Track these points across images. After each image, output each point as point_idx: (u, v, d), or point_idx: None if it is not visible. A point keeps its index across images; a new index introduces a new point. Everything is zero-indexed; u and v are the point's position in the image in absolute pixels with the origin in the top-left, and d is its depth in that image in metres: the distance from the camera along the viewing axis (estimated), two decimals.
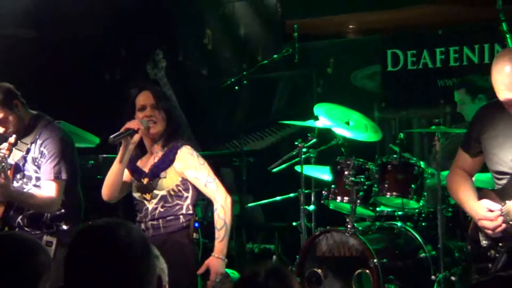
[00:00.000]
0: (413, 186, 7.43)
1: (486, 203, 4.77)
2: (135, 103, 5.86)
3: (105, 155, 7.78)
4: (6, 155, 6.04)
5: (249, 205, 9.00)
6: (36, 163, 6.28)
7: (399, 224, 7.75)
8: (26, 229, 6.26)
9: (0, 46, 9.18)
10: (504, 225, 4.67)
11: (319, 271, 7.42)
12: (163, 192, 5.87)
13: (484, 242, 4.91)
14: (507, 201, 4.68)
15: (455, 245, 7.63)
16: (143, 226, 5.89)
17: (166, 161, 5.88)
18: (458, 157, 5.29)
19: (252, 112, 8.77)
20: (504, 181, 4.82)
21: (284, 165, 8.22)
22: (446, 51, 9.11)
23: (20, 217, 6.29)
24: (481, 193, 4.92)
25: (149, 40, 9.94)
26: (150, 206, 5.90)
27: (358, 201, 7.53)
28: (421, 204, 7.48)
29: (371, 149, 8.76)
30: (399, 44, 9.67)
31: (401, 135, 8.09)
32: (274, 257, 8.79)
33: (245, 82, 7.26)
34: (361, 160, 7.71)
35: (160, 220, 5.86)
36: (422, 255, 7.53)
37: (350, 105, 8.01)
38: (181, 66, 10.10)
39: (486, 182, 5.88)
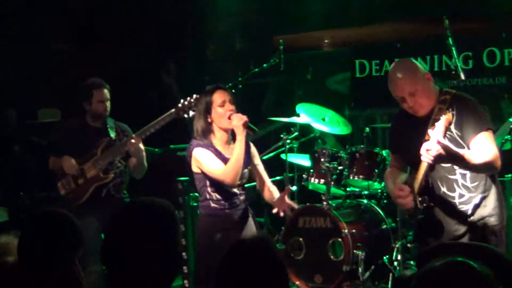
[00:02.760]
0: (376, 170, 7.42)
1: (399, 184, 4.81)
2: (210, 101, 5.50)
3: None
4: None
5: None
6: None
7: (365, 201, 7.75)
8: None
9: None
10: (411, 203, 4.70)
11: (301, 239, 7.41)
12: (245, 182, 5.69)
13: (406, 215, 4.98)
14: (413, 184, 4.73)
15: None
16: (230, 211, 5.58)
17: (248, 153, 5.65)
18: (390, 157, 5.36)
19: (245, 110, 8.73)
20: (412, 168, 4.86)
21: (272, 154, 8.21)
22: None
23: None
24: (406, 181, 4.94)
25: (163, 53, 9.90)
26: (239, 192, 5.64)
27: (332, 182, 7.53)
28: (383, 185, 7.48)
29: (343, 140, 8.74)
30: (365, 55, 9.64)
31: (367, 129, 8.08)
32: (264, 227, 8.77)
33: (240, 86, 7.25)
34: (334, 149, 7.71)
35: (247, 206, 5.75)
36: (384, 226, 7.54)
37: (325, 105, 8.01)
38: (188, 74, 10.08)
39: None
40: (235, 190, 5.57)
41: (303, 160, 8.08)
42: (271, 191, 5.86)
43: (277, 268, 2.68)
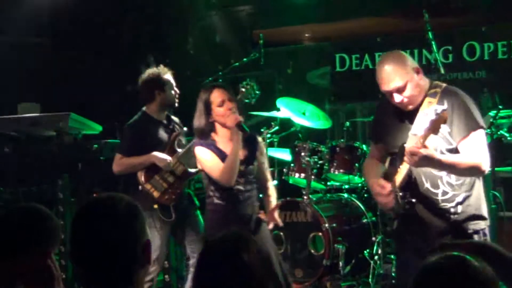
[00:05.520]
0: (357, 164, 7.42)
1: (380, 181, 4.71)
2: (209, 101, 5.44)
3: (106, 140, 7.66)
4: None
5: None
6: None
7: (346, 195, 7.75)
8: None
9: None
10: (392, 201, 4.65)
11: (281, 234, 7.40)
12: (252, 177, 5.61)
13: (385, 211, 4.93)
14: (394, 177, 4.65)
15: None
16: (234, 208, 5.50)
17: (254, 151, 5.61)
18: (370, 147, 5.28)
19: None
20: (394, 161, 4.80)
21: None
22: None
23: None
24: (386, 172, 4.88)
25: (143, 47, 9.85)
26: (244, 188, 5.54)
27: (312, 177, 7.53)
28: (363, 179, 7.47)
29: (323, 135, 8.73)
30: (346, 49, 9.64)
31: (347, 123, 8.08)
32: None
33: (220, 80, 7.20)
34: (315, 143, 7.69)
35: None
36: (365, 220, 7.54)
37: (305, 99, 7.99)
38: (168, 68, 10.03)
39: None
40: (239, 187, 5.50)
41: (284, 154, 8.07)
42: (269, 196, 5.82)
43: (247, 270, 2.63)
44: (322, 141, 8.03)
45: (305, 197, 7.44)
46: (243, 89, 5.87)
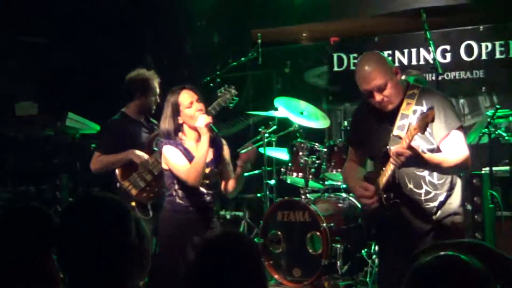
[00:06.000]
0: None
1: (363, 183, 4.72)
2: (178, 103, 5.42)
3: None
4: None
5: None
6: None
7: (343, 195, 7.75)
8: None
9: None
10: (376, 203, 4.66)
11: (279, 233, 7.41)
12: (215, 181, 5.58)
13: (368, 212, 4.92)
14: (377, 179, 4.66)
15: None
16: (194, 209, 5.48)
17: (220, 153, 5.62)
18: (349, 150, 5.27)
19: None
20: (376, 163, 4.82)
21: (250, 147, 8.17)
22: None
23: None
24: (367, 175, 4.90)
25: (140, 47, 9.85)
26: (207, 191, 5.52)
27: (310, 176, 7.54)
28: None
29: (321, 134, 8.73)
30: (344, 49, 9.63)
31: (345, 123, 8.09)
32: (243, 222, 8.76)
33: (218, 80, 7.19)
34: (313, 143, 7.71)
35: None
36: None
37: (303, 99, 8.00)
38: (167, 68, 10.03)
39: None
40: (202, 189, 5.47)
41: (282, 154, 8.07)
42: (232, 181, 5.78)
43: (249, 265, 2.64)
44: (320, 141, 8.05)
45: (303, 197, 7.45)
46: (221, 94, 5.90)
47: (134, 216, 2.78)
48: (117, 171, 6.34)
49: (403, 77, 5.72)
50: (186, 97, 5.44)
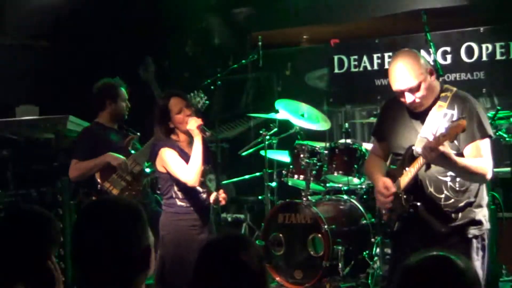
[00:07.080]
0: (356, 166, 7.42)
1: (387, 181, 4.68)
2: (168, 109, 5.64)
3: None
4: None
5: (223, 182, 8.93)
6: None
7: (345, 197, 7.74)
8: None
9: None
10: (391, 203, 4.64)
11: (281, 235, 7.41)
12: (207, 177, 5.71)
13: (383, 211, 4.88)
14: (399, 178, 4.64)
15: None
16: (196, 209, 5.67)
17: (209, 152, 5.82)
18: (372, 143, 5.25)
19: (225, 107, 8.70)
20: (399, 161, 4.78)
21: (251, 150, 8.20)
22: (382, 56, 9.08)
23: None
24: (389, 171, 4.87)
25: (140, 49, 9.84)
26: (202, 189, 5.71)
27: (312, 178, 7.53)
28: (362, 180, 7.49)
29: (322, 136, 8.72)
30: (344, 51, 9.62)
31: (346, 125, 8.09)
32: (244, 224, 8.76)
33: (219, 82, 7.18)
34: (314, 144, 7.70)
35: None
36: (364, 222, 7.52)
37: (304, 101, 8.00)
38: (167, 70, 10.03)
39: None
40: (198, 188, 5.66)
41: (283, 156, 8.07)
42: None
43: (251, 267, 2.64)
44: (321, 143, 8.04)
45: (304, 199, 7.44)
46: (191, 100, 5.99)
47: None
48: (96, 174, 6.45)
49: None
50: (174, 104, 5.65)
